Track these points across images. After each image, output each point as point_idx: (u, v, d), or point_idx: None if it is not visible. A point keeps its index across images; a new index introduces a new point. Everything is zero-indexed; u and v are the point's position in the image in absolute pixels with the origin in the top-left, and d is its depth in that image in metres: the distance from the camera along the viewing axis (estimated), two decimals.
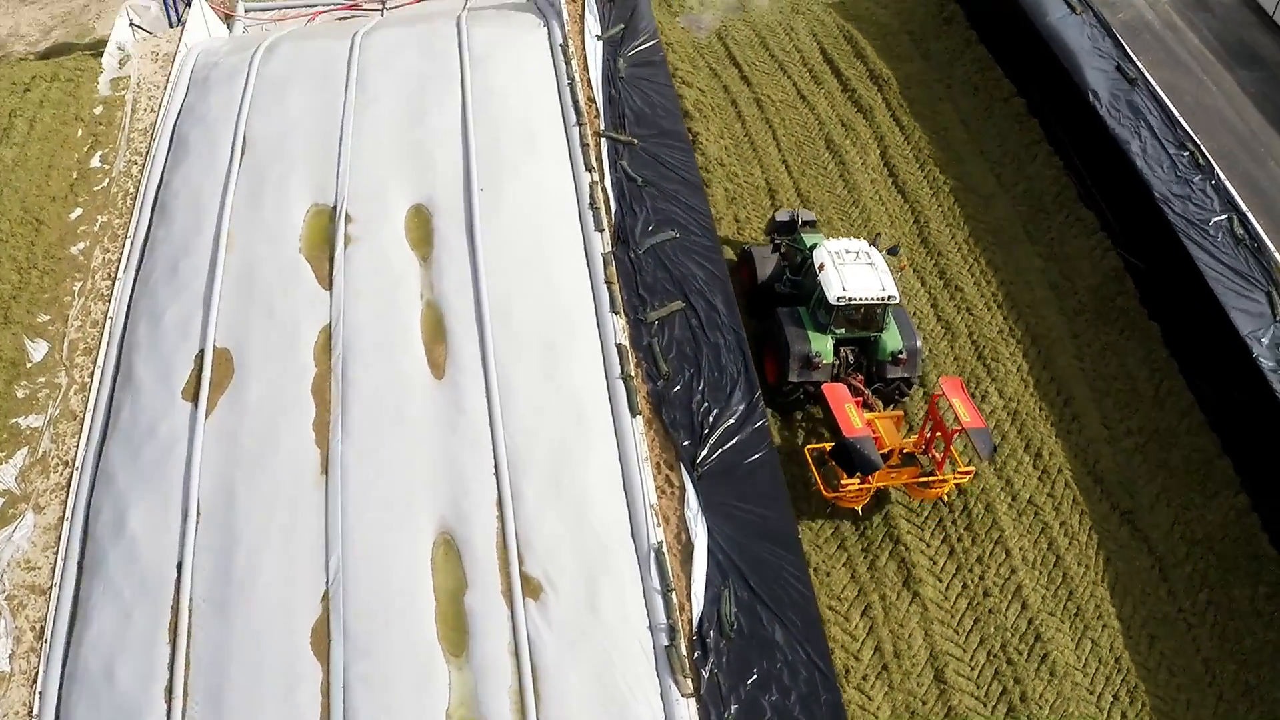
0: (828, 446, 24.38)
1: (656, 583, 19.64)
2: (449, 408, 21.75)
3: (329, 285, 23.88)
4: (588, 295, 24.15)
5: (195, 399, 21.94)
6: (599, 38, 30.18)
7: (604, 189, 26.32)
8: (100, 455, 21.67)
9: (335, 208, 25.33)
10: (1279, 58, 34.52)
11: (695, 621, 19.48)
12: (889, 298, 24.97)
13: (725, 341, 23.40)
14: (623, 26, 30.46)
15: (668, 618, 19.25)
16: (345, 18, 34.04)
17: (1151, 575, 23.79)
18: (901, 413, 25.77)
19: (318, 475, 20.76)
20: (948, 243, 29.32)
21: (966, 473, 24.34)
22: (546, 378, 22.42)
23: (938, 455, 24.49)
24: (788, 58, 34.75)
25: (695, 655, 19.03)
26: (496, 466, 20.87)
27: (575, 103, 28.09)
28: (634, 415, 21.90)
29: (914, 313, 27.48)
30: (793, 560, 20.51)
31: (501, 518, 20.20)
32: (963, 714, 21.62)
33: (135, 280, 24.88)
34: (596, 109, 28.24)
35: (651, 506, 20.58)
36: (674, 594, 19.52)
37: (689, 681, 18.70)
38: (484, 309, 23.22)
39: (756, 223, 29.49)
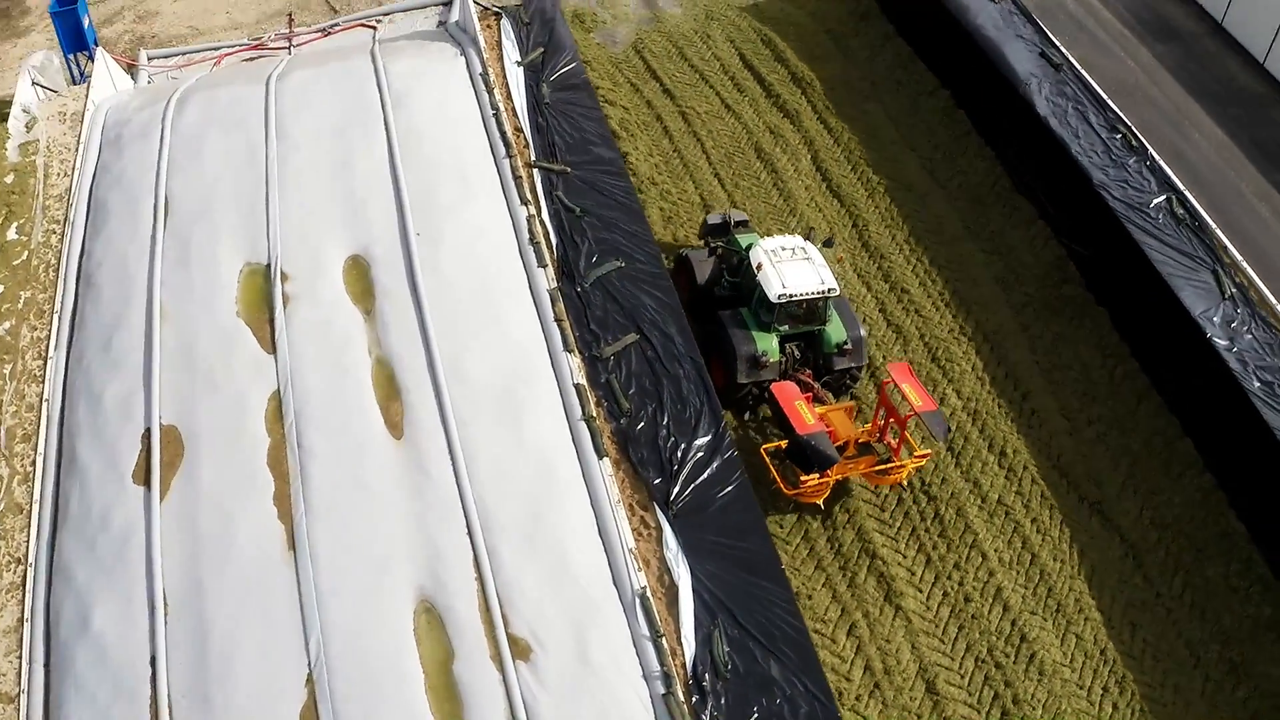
0: (784, 444, 24.42)
1: (645, 629, 19.18)
2: (413, 470, 21.02)
3: (272, 349, 23.00)
4: (539, 336, 23.52)
5: (147, 482, 20.90)
6: (519, 64, 29.50)
7: (542, 222, 25.75)
8: (54, 550, 20.55)
9: (269, 266, 24.38)
10: (1192, 28, 35.08)
11: (689, 665, 19.09)
12: (829, 290, 25.09)
13: (685, 371, 22.98)
14: (542, 50, 29.82)
15: (661, 665, 18.83)
16: (252, 59, 33.05)
17: (1126, 563, 23.98)
18: (853, 403, 25.87)
19: (285, 552, 19.94)
20: (888, 244, 29.24)
21: (923, 456, 24.63)
22: (508, 427, 21.81)
23: (893, 442, 24.67)
24: (708, 67, 34.42)
25: (694, 700, 18.66)
26: (469, 527, 20.20)
27: (503, 134, 27.42)
28: (601, 457, 21.40)
29: (863, 319, 27.36)
30: (779, 591, 20.17)
31: (480, 579, 19.56)
32: None
33: (68, 358, 23.64)
34: (525, 139, 27.62)
35: (630, 551, 20.13)
36: (664, 639, 19.11)
37: None
38: (436, 362, 22.47)
39: (696, 241, 29.14)
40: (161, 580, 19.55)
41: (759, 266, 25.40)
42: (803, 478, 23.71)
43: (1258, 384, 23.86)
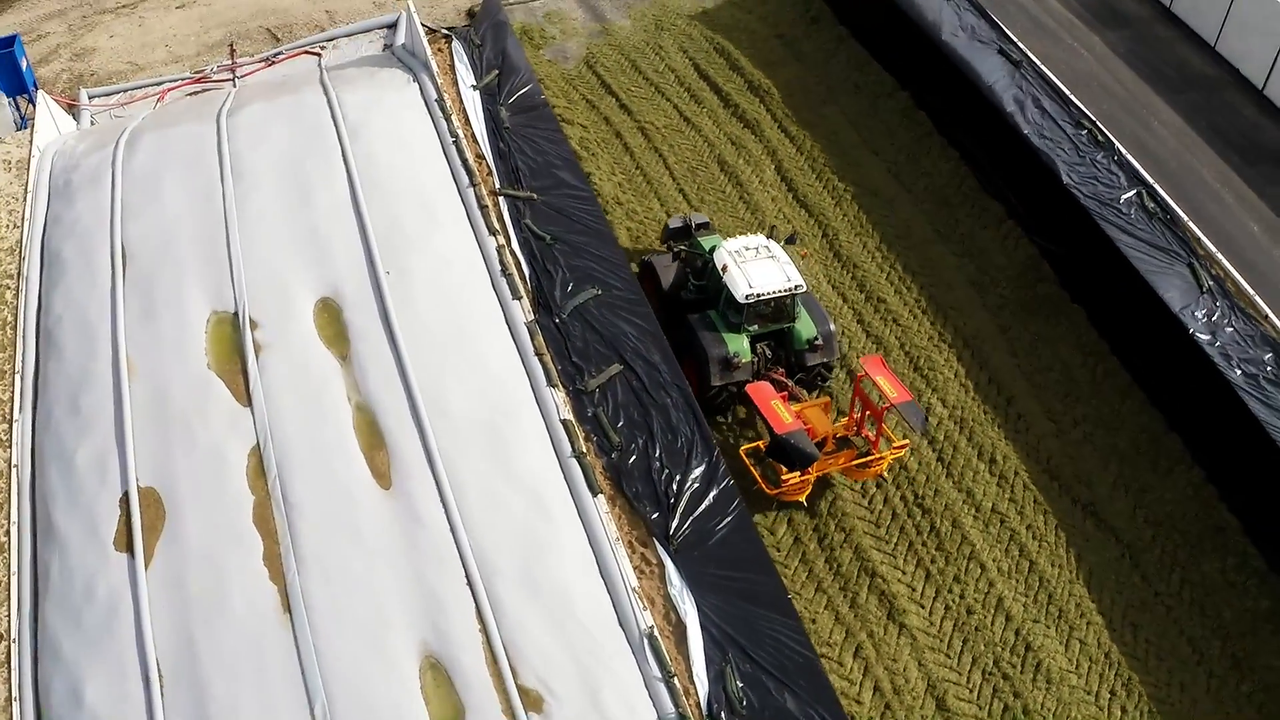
0: (762, 444, 24.49)
1: (656, 670, 18.81)
2: (405, 520, 20.44)
3: (248, 401, 22.27)
4: (520, 371, 23.03)
5: (130, 549, 20.14)
6: (475, 87, 28.91)
7: (512, 252, 25.23)
8: (37, 624, 19.72)
9: (237, 314, 23.62)
10: (1141, 14, 35.20)
11: (704, 705, 18.77)
12: (796, 287, 25.05)
13: (672, 400, 22.60)
14: (496, 73, 29.22)
15: (675, 706, 18.46)
16: (195, 92, 32.12)
17: (1123, 564, 23.96)
18: (828, 398, 25.87)
19: (280, 614, 19.27)
20: (860, 252, 29.02)
21: (901, 447, 24.65)
22: (498, 469, 21.30)
23: (871, 435, 24.67)
24: (663, 79, 33.95)
25: None
26: (468, 575, 19.68)
27: (464, 162, 26.81)
28: (595, 494, 20.94)
29: (843, 331, 27.15)
30: (787, 621, 19.89)
31: (485, 630, 19.08)
32: None
33: (34, 420, 22.78)
34: (488, 166, 27.06)
35: (634, 590, 19.69)
36: (676, 679, 18.73)
37: None
38: (418, 405, 21.90)
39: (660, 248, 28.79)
40: (154, 650, 18.87)
41: (724, 268, 25.29)
42: (784, 476, 23.71)
43: (1241, 376, 23.92)
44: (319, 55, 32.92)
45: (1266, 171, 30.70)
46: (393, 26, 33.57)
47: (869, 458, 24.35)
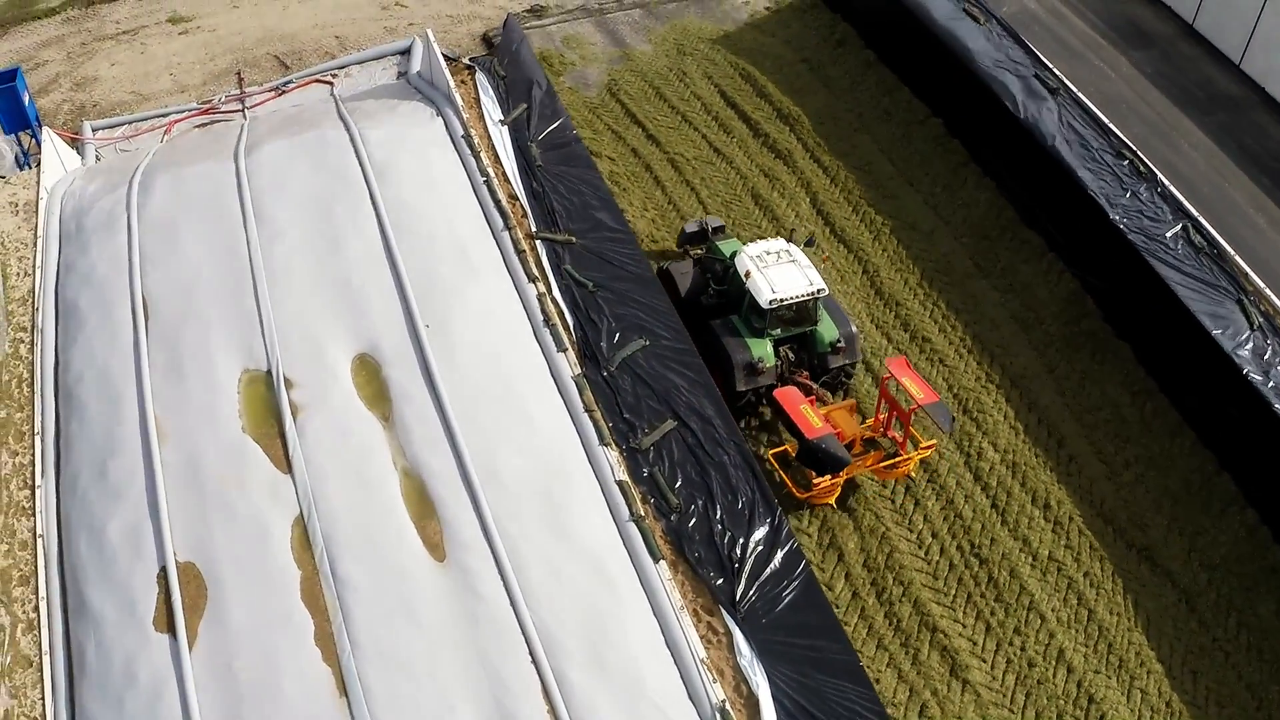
0: (790, 448, 24.73)
1: None
2: (463, 594, 19.63)
3: (288, 467, 21.38)
4: (570, 430, 22.27)
5: (171, 630, 19.19)
6: (502, 123, 28.05)
7: (554, 300, 24.45)
8: (74, 709, 18.82)
9: (270, 372, 22.71)
10: (1165, 31, 34.77)
11: None
12: (818, 291, 25.18)
13: (730, 458, 21.89)
14: (525, 106, 28.36)
15: None
16: (204, 124, 31.10)
17: (1180, 609, 23.55)
18: (854, 400, 26.06)
19: (336, 698, 18.43)
20: (901, 289, 28.41)
21: (929, 447, 24.94)
22: (556, 537, 20.54)
23: (898, 436, 24.85)
24: (689, 107, 33.12)
25: None
26: (532, 653, 18.90)
27: (498, 203, 25.98)
28: (656, 561, 20.23)
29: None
30: (860, 691, 19.27)
31: (553, 710, 18.33)
32: None
33: (59, 487, 21.79)
34: (522, 207, 26.23)
35: (702, 662, 19.04)
36: None
37: None
38: (469, 470, 21.06)
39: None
40: None
41: (747, 274, 25.39)
42: (815, 480, 23.82)
43: None
44: (331, 84, 32.02)
45: None
46: (406, 53, 32.66)
47: (897, 459, 24.58)
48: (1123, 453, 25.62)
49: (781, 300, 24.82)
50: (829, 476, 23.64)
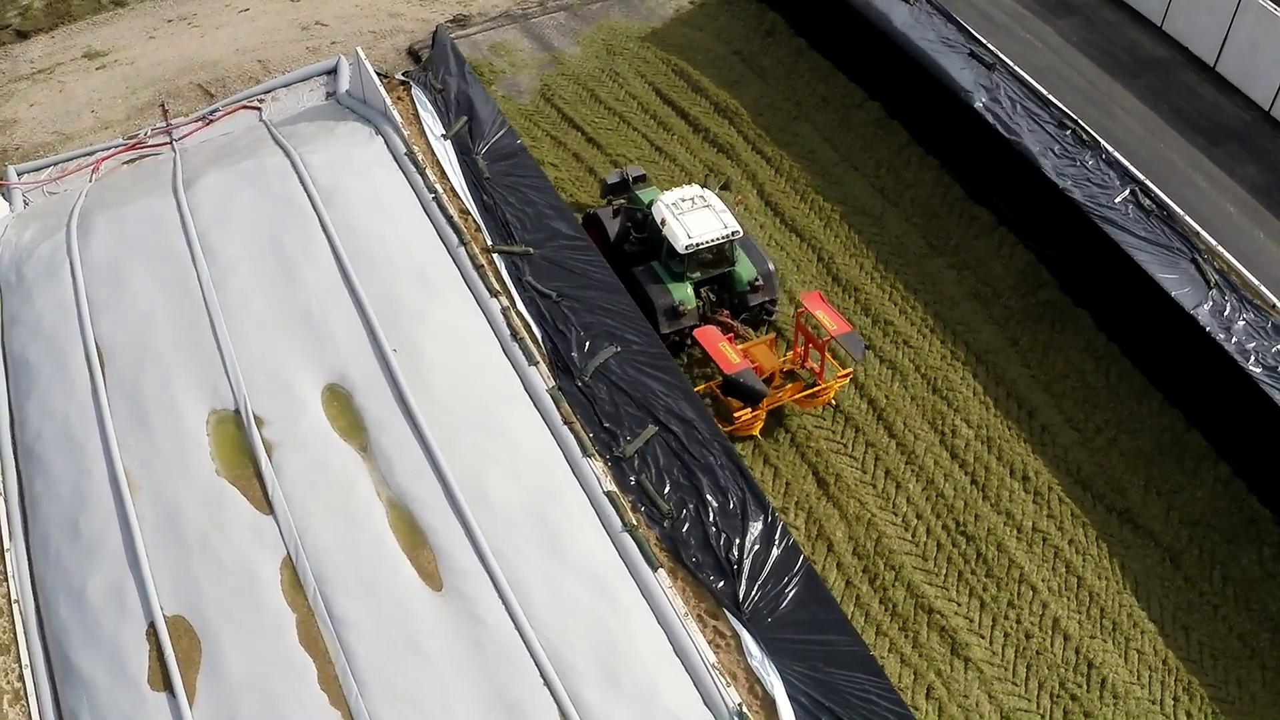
0: (715, 384, 25.87)
1: None
2: (466, 622, 19.20)
3: (268, 508, 20.75)
4: (552, 445, 21.86)
5: (168, 687, 18.55)
6: (444, 137, 27.50)
7: (519, 313, 24.03)
8: None
9: (238, 411, 22.04)
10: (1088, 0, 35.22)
11: None
12: (733, 233, 26.24)
13: (716, 459, 21.67)
14: (465, 119, 27.84)
15: None
16: (132, 160, 30.11)
17: (1165, 568, 24.00)
18: (773, 335, 27.41)
19: None
20: (858, 274, 28.50)
21: (845, 375, 26.25)
22: (552, 556, 20.13)
23: (815, 366, 26.01)
24: (625, 107, 32.89)
25: None
26: (543, 675, 18.57)
27: (449, 219, 25.45)
28: (655, 569, 19.97)
29: (854, 362, 26.61)
30: (874, 681, 19.21)
31: None
32: None
33: (29, 549, 20.98)
34: (474, 222, 25.75)
35: (713, 666, 18.86)
36: None
37: None
38: (457, 496, 20.56)
39: None
40: None
41: (663, 221, 26.35)
42: (735, 413, 25.04)
43: (1261, 370, 24.00)
44: (259, 109, 31.18)
45: (1233, 151, 30.99)
46: (332, 72, 31.93)
47: (815, 388, 25.71)
48: (1093, 418, 25.98)
49: (697, 245, 25.87)
50: (749, 409, 24.87)
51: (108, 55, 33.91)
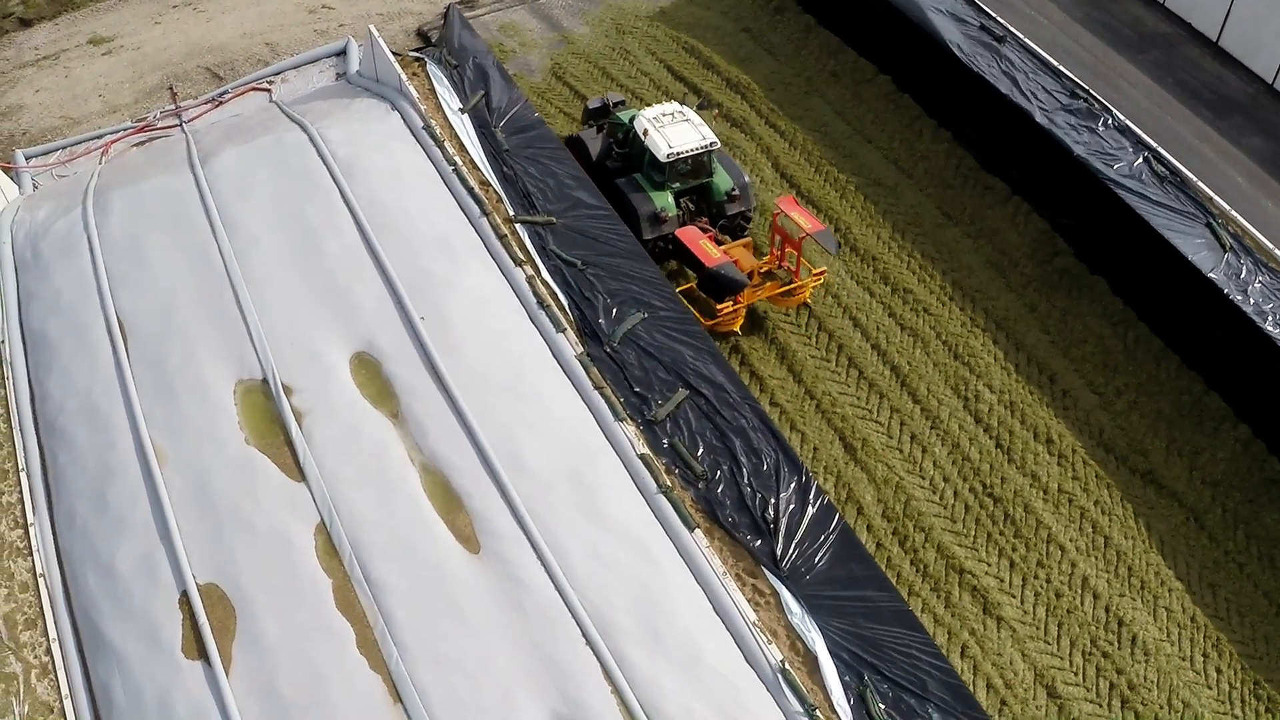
0: (694, 284, 26.86)
1: (796, 705, 18.00)
2: (505, 584, 19.12)
3: (300, 475, 20.63)
4: (583, 410, 21.86)
5: (203, 655, 18.40)
6: (462, 111, 27.47)
7: (544, 282, 24.01)
8: None
9: (266, 380, 21.96)
10: None
11: None
12: (711, 144, 27.43)
13: (748, 420, 21.72)
14: (483, 93, 27.81)
15: None
16: (142, 142, 29.94)
17: (1190, 527, 24.10)
18: (750, 239, 28.48)
19: (391, 705, 17.83)
20: (875, 244, 28.54)
21: (820, 273, 27.35)
22: (588, 517, 20.11)
23: (791, 265, 27.16)
24: (637, 84, 32.81)
25: None
26: (585, 635, 18.52)
27: (470, 190, 25.41)
28: (691, 529, 19.97)
29: (876, 327, 26.72)
30: (914, 635, 19.24)
31: (617, 690, 17.96)
32: None
33: (53, 522, 20.80)
34: (496, 193, 25.71)
35: (754, 625, 18.85)
36: (818, 711, 18.05)
37: None
38: (492, 459, 20.53)
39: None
40: None
41: (645, 133, 27.54)
42: (717, 307, 26.12)
43: (1279, 330, 24.20)
44: (268, 91, 31.06)
45: (1238, 123, 31.29)
46: (342, 54, 31.86)
47: (792, 285, 26.78)
48: (1113, 382, 26.08)
49: (677, 154, 26.98)
50: (730, 303, 25.99)
51: (113, 41, 33.65)
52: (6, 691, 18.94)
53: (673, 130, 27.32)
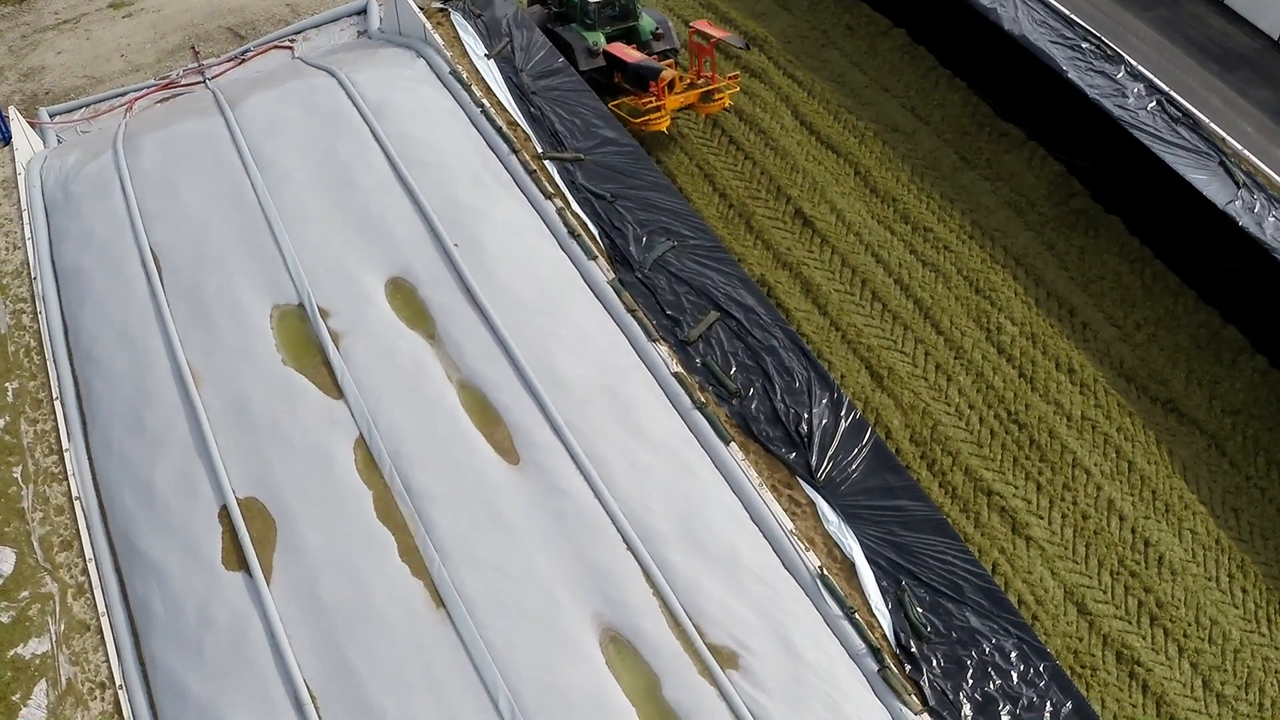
0: (619, 78, 30.41)
1: (836, 609, 18.22)
2: (545, 492, 19.34)
3: (338, 393, 20.84)
4: (616, 331, 22.12)
5: (244, 566, 18.56)
6: (488, 57, 27.78)
7: (574, 214, 24.27)
8: (144, 667, 18.01)
9: (302, 304, 22.18)
10: None
11: (891, 636, 18.32)
12: None
13: (779, 340, 21.98)
14: (508, 39, 28.13)
15: (865, 641, 17.96)
16: (166, 99, 30.17)
17: (1211, 453, 24.43)
18: (674, 61, 31.78)
19: (434, 610, 17.98)
20: (895, 186, 28.89)
21: (733, 78, 30.60)
22: (625, 429, 20.34)
23: (708, 74, 30.21)
24: None
25: (908, 669, 17.95)
26: (627, 541, 18.74)
27: (499, 130, 25.69)
28: (727, 443, 20.23)
29: (898, 263, 27.05)
30: (949, 542, 19.44)
31: (659, 594, 18.16)
32: (1117, 638, 21.52)
33: (88, 447, 20.99)
34: (524, 132, 26.00)
35: (791, 533, 19.10)
36: (858, 615, 18.28)
37: (914, 699, 17.60)
38: (529, 376, 20.78)
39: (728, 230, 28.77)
40: (299, 672, 17.35)
41: None
42: (641, 103, 29.13)
43: None
44: (291, 48, 31.35)
45: (1246, 76, 31.62)
46: (363, 12, 32.19)
47: (711, 88, 29.99)
48: (1131, 316, 26.43)
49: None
50: (654, 98, 28.86)
51: (133, 4, 33.94)
52: (43, 611, 19.08)
53: None
